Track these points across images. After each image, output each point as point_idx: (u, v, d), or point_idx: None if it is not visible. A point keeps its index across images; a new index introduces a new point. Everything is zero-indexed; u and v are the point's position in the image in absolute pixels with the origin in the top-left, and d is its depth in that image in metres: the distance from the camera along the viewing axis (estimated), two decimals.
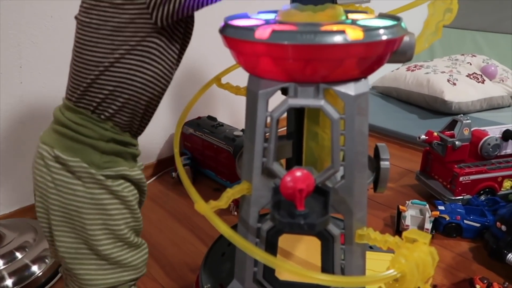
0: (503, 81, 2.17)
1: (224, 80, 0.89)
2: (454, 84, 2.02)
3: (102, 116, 0.64)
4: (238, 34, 0.53)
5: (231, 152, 1.38)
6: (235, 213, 1.28)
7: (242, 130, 1.44)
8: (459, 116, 1.32)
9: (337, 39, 0.48)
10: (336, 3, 0.74)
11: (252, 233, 0.61)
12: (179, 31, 0.64)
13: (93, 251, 0.67)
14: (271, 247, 0.60)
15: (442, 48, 2.74)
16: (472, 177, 1.26)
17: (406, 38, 0.57)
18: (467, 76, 2.11)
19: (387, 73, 2.32)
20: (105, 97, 0.63)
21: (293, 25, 0.54)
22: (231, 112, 1.76)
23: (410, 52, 0.58)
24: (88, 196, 0.65)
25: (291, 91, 0.54)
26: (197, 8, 0.59)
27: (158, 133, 1.58)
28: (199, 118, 1.59)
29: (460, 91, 1.99)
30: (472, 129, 1.30)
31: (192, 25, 0.68)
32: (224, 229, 0.52)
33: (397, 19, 0.59)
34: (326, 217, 0.50)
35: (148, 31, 0.59)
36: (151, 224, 1.26)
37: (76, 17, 0.64)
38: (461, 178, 1.25)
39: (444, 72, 2.11)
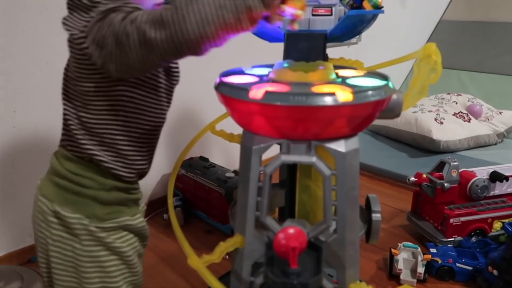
0: (488, 119, 2.23)
1: (218, 127, 0.91)
2: (442, 123, 2.06)
3: (100, 164, 0.63)
4: (233, 93, 0.55)
5: (223, 194, 1.38)
6: (227, 256, 1.26)
7: (234, 172, 1.45)
8: (447, 157, 1.35)
9: (328, 100, 0.50)
10: (327, 58, 0.77)
11: (245, 286, 0.61)
12: (149, 77, 0.63)
13: None
14: None
15: (429, 86, 2.81)
16: (463, 218, 1.27)
17: (394, 96, 0.59)
18: (453, 115, 2.17)
19: None
20: (96, 148, 0.62)
21: (285, 85, 0.56)
22: (223, 152, 1.77)
23: (398, 109, 0.60)
24: (86, 254, 0.64)
25: (284, 147, 0.56)
26: (143, 71, 0.58)
27: (150, 174, 1.57)
28: (191, 158, 1.59)
29: (448, 130, 2.03)
30: (460, 170, 1.33)
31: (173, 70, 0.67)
32: (217, 286, 0.52)
33: (385, 78, 0.61)
34: (319, 276, 0.51)
35: (111, 84, 0.59)
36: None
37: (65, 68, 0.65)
38: (451, 220, 1.27)
39: (431, 111, 2.17)
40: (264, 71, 0.69)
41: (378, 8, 0.80)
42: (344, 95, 0.51)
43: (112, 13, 0.53)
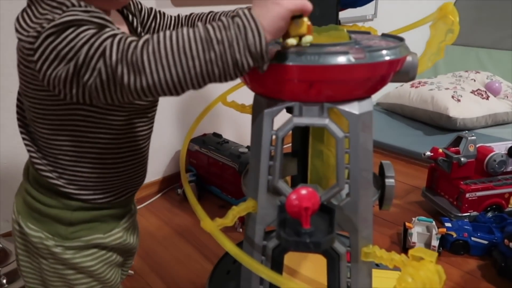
0: (507, 97, 2.18)
1: (229, 98, 0.90)
2: (459, 100, 2.02)
3: (61, 183, 0.57)
4: None
5: (237, 169, 1.38)
6: (241, 230, 1.28)
7: (248, 147, 1.45)
8: (464, 132, 1.32)
9: (341, 60, 0.49)
10: (340, 24, 0.76)
11: (257, 251, 0.62)
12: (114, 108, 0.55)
13: None
14: (277, 265, 0.60)
15: (446, 65, 2.75)
16: (479, 193, 1.26)
17: (408, 58, 0.58)
18: (471, 92, 2.12)
19: (392, 90, 2.34)
20: (51, 166, 0.56)
21: (297, 47, 0.55)
22: (236, 129, 1.77)
23: (412, 72, 0.59)
24: (52, 271, 0.60)
25: (296, 110, 0.55)
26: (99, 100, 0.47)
27: (164, 150, 1.59)
28: (204, 135, 1.60)
29: (465, 108, 1.99)
30: (477, 146, 1.30)
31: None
32: (230, 247, 0.52)
33: (400, 39, 0.60)
34: (332, 235, 0.50)
35: (60, 102, 0.52)
36: (157, 241, 1.26)
37: None
38: (467, 195, 1.25)
39: (448, 88, 2.12)
40: None
41: None
42: (357, 54, 0.50)
43: (70, 29, 0.44)
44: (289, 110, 0.57)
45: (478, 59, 2.73)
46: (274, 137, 0.57)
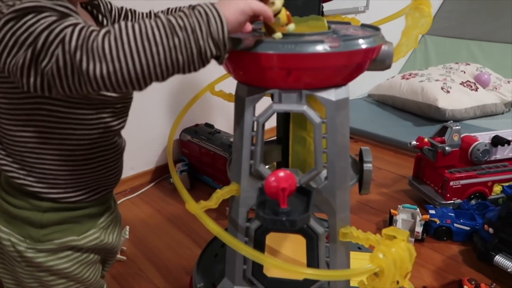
0: (496, 89, 2.21)
1: (217, 87, 0.92)
2: (448, 92, 2.05)
3: (29, 182, 0.54)
4: None
5: (228, 158, 1.41)
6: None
7: None
8: (449, 122, 1.35)
9: (317, 48, 0.52)
10: (322, 14, 0.78)
11: (241, 232, 0.65)
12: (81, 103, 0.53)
13: None
14: (259, 245, 0.63)
15: (437, 57, 2.78)
16: (463, 182, 1.29)
17: (384, 47, 0.60)
18: (460, 84, 2.15)
19: (383, 82, 2.37)
20: (17, 164, 0.54)
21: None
22: (227, 119, 1.80)
23: (388, 60, 0.61)
24: (27, 273, 0.58)
25: (275, 97, 0.58)
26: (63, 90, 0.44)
27: (156, 141, 1.61)
28: (196, 125, 1.62)
29: (454, 99, 2.02)
30: (462, 135, 1.34)
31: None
32: (213, 227, 0.55)
33: (376, 29, 0.62)
34: (307, 214, 0.53)
35: (23, 95, 0.51)
36: (149, 229, 1.29)
37: None
38: (451, 183, 1.28)
39: (438, 80, 2.15)
40: (258, 26, 0.71)
41: None
42: (333, 43, 0.53)
43: (31, 15, 0.42)
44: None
45: (469, 51, 2.75)
46: (255, 123, 0.60)
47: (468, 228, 1.18)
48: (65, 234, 0.57)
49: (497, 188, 1.33)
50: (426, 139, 1.34)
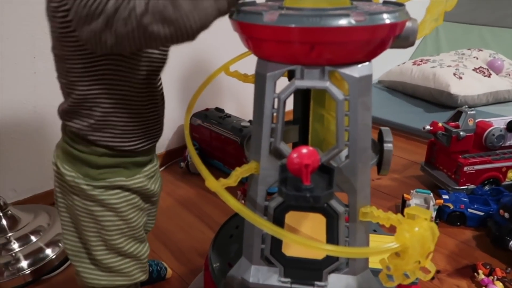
0: (509, 75, 2.18)
1: (232, 68, 0.91)
2: (460, 78, 2.03)
3: (90, 132, 0.65)
4: (247, 18, 0.56)
5: (239, 142, 1.41)
6: (242, 201, 1.31)
7: (249, 121, 1.47)
8: (463, 107, 1.34)
9: (342, 22, 0.51)
10: None
11: (260, 210, 0.64)
12: (137, 59, 0.64)
13: (90, 254, 0.73)
14: (278, 224, 0.62)
15: (449, 43, 2.74)
16: (477, 167, 1.28)
17: (408, 24, 0.59)
18: (473, 70, 2.12)
19: (393, 68, 2.34)
20: (82, 122, 0.65)
21: (299, 11, 0.57)
22: (238, 103, 1.79)
23: (412, 37, 0.60)
24: (82, 207, 0.69)
25: (297, 73, 0.57)
26: (126, 49, 0.55)
27: (166, 124, 1.58)
28: (207, 109, 1.62)
29: (466, 85, 2.00)
30: (476, 120, 1.32)
31: None
32: (234, 203, 0.55)
33: (400, 5, 0.61)
34: (331, 190, 0.53)
35: (95, 60, 0.60)
36: (160, 211, 1.29)
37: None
38: (465, 168, 1.27)
39: (450, 66, 2.12)
40: (277, 3, 0.69)
41: None
42: (358, 17, 0.51)
43: None
44: (291, 76, 0.58)
45: (481, 37, 2.71)
46: (276, 100, 0.59)
47: (482, 214, 1.17)
48: (115, 175, 0.68)
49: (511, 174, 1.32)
50: (440, 124, 1.32)
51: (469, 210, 1.18)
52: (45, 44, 1.20)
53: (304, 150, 0.52)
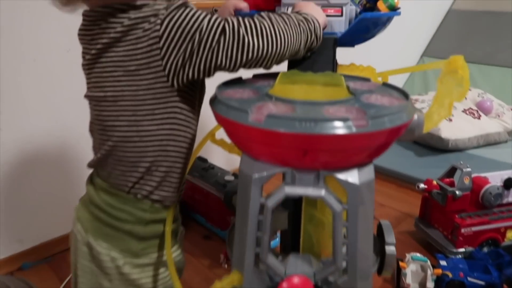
0: (499, 116, 2.15)
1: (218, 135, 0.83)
2: (450, 120, 1.98)
3: (139, 196, 0.59)
4: (231, 115, 0.48)
5: (222, 199, 1.31)
6: (226, 266, 1.21)
7: (234, 175, 1.38)
8: (458, 162, 1.27)
9: (340, 129, 0.43)
10: (337, 66, 0.70)
11: None
12: (196, 87, 0.60)
13: None
14: None
15: (436, 79, 2.71)
16: (474, 228, 1.21)
17: (414, 117, 0.52)
18: (463, 111, 2.09)
19: None
20: (142, 175, 0.58)
21: (290, 104, 0.49)
22: (222, 152, 1.70)
23: (418, 131, 0.53)
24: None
25: (288, 177, 0.49)
26: (215, 71, 0.55)
27: None
28: None
29: (457, 128, 1.95)
30: (472, 176, 1.25)
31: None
32: None
33: (405, 95, 0.54)
34: None
35: (167, 95, 0.55)
36: None
37: (86, 96, 0.60)
38: (462, 230, 1.20)
39: None
40: (265, 82, 0.62)
41: (394, 9, 0.72)
42: (359, 121, 0.44)
43: (188, 8, 0.52)
44: None
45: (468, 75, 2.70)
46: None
47: (483, 283, 1.09)
48: (158, 248, 0.62)
49: (511, 234, 1.25)
50: (434, 182, 1.26)
51: (469, 278, 1.09)
52: (13, 97, 1.10)
53: (296, 279, 0.43)
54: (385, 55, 2.23)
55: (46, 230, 1.26)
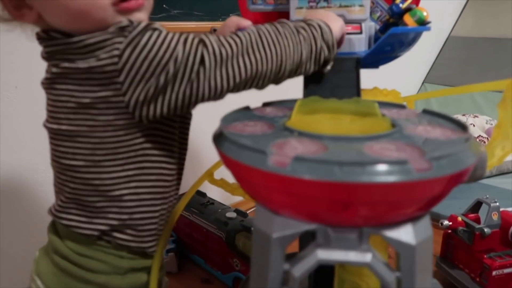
0: None
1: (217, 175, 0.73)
2: None
3: (113, 243, 0.50)
4: (244, 157, 0.36)
5: (223, 238, 1.18)
6: None
7: (236, 211, 1.25)
8: (484, 197, 1.16)
9: (397, 175, 0.32)
10: (360, 92, 0.59)
11: None
12: (174, 121, 0.51)
13: None
14: None
15: (440, 107, 2.64)
16: (506, 270, 1.08)
17: None
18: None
19: None
20: (113, 223, 0.49)
21: (318, 142, 0.38)
22: None
23: (481, 171, 0.42)
24: None
25: (320, 237, 0.37)
26: (196, 104, 0.46)
27: None
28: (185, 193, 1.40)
29: None
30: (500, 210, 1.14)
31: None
32: None
33: (462, 126, 0.43)
34: None
35: (133, 131, 0.46)
36: None
37: (44, 125, 0.50)
38: (494, 273, 1.07)
39: None
40: (279, 111, 0.51)
41: (424, 24, 0.62)
42: (420, 163, 0.32)
43: (150, 31, 0.43)
44: None
45: (473, 101, 2.62)
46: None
47: None
48: None
49: None
50: (459, 218, 1.13)
51: None
52: None
53: None
54: (387, 83, 2.16)
55: None
